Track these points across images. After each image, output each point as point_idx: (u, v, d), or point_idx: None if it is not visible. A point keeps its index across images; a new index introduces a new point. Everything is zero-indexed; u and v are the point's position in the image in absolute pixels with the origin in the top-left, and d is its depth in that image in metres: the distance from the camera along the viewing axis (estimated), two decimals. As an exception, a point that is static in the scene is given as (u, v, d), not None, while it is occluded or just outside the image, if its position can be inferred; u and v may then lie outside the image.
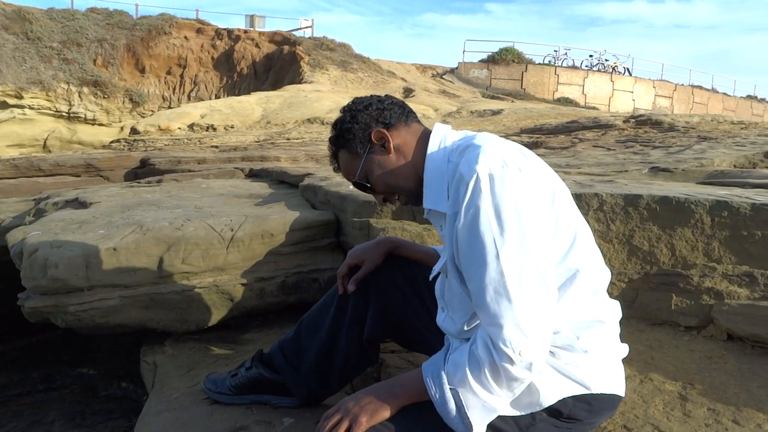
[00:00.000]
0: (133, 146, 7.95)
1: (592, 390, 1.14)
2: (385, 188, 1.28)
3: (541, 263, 1.05)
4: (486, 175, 1.05)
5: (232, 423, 1.59)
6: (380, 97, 1.32)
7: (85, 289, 2.02)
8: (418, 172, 1.24)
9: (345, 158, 1.31)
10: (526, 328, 1.02)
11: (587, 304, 1.17)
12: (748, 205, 1.73)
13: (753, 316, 1.59)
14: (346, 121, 1.29)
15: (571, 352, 1.14)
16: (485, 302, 1.04)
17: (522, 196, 1.05)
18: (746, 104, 29.15)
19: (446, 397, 1.07)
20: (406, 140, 1.26)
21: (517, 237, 1.03)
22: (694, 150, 4.57)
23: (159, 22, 19.05)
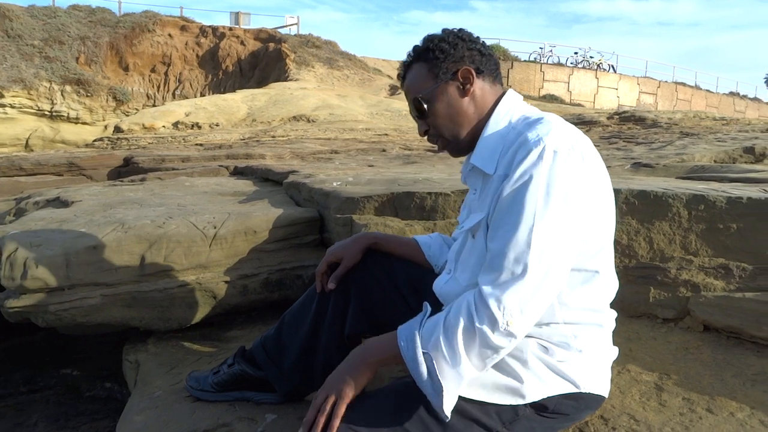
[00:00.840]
0: (117, 145, 7.88)
1: (581, 389, 1.15)
2: (439, 124, 1.24)
3: (567, 253, 1.06)
4: (551, 150, 1.04)
5: (214, 420, 1.59)
6: (485, 44, 1.28)
7: (66, 288, 2.00)
8: (476, 127, 1.22)
9: (420, 72, 1.25)
10: (525, 303, 1.02)
11: (593, 307, 1.18)
12: (724, 198, 1.75)
13: (728, 308, 1.62)
14: (444, 41, 1.23)
15: (566, 350, 1.15)
16: (500, 264, 1.03)
17: (576, 183, 1.05)
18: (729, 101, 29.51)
19: (418, 360, 1.05)
20: (484, 94, 1.23)
21: (556, 218, 1.03)
22: (676, 146, 4.63)
23: (142, 19, 18.88)
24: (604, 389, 1.21)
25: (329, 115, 10.92)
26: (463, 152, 1.27)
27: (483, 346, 1.02)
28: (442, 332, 1.04)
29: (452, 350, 1.03)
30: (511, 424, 1.13)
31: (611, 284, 1.22)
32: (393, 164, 4.83)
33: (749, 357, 1.49)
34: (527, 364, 1.13)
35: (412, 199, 2.17)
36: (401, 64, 1.31)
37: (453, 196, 2.13)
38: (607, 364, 1.23)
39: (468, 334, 1.02)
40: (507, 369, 1.13)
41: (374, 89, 16.30)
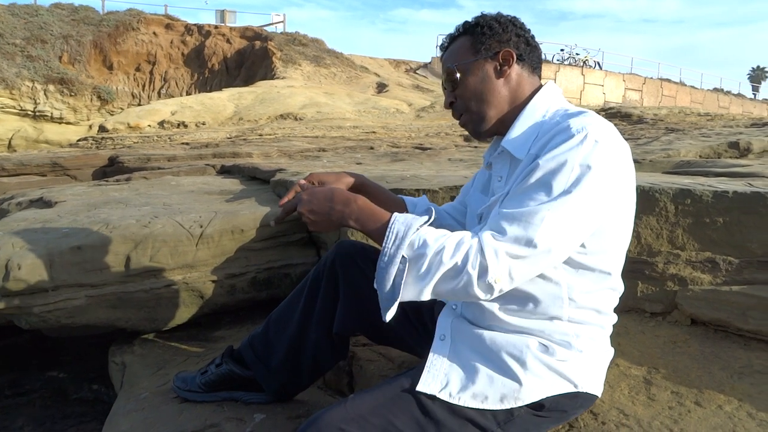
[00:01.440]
0: (101, 144, 7.78)
1: (579, 388, 1.15)
2: (467, 97, 1.24)
3: (574, 241, 1.05)
4: (593, 139, 1.04)
5: (202, 421, 1.57)
6: (534, 36, 1.28)
7: (50, 289, 1.97)
8: (505, 112, 1.22)
9: (462, 45, 1.25)
10: (516, 270, 1.01)
11: (599, 308, 1.18)
12: (710, 192, 1.76)
13: (715, 301, 1.63)
14: (495, 20, 1.24)
15: (568, 350, 1.14)
16: (511, 226, 1.02)
17: (609, 177, 1.04)
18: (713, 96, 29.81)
19: (394, 260, 1.03)
20: (520, 81, 1.23)
21: (577, 206, 1.02)
22: (662, 141, 4.66)
23: (126, 17, 18.70)
24: (598, 389, 1.21)
25: (316, 113, 10.88)
26: (485, 135, 1.26)
27: (462, 285, 1.00)
28: (431, 254, 1.01)
29: (428, 273, 1.01)
30: (505, 424, 1.13)
31: (619, 288, 1.22)
32: (381, 162, 4.82)
33: (736, 350, 1.50)
34: (526, 366, 1.12)
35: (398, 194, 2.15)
36: (448, 35, 1.31)
37: (441, 193, 2.12)
38: (605, 365, 1.23)
39: (454, 271, 1.00)
40: (506, 370, 1.12)
41: (361, 87, 16.26)
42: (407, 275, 1.03)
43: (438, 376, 1.14)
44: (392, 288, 1.04)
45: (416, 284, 1.03)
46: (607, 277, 1.15)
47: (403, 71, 21.05)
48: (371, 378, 1.64)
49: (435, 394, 1.12)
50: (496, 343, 1.15)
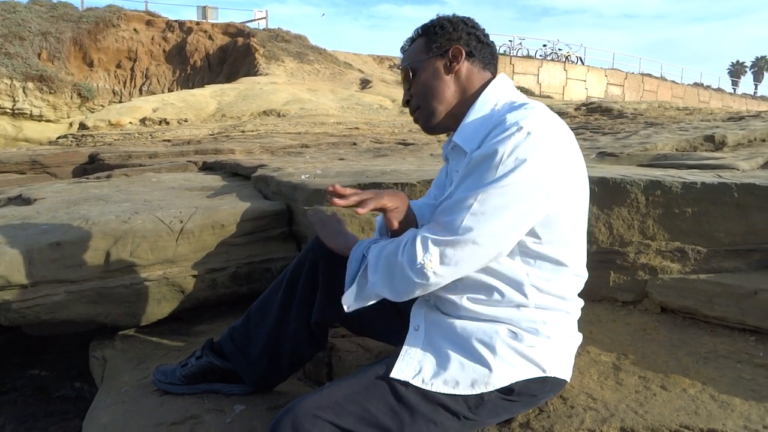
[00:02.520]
0: (82, 142, 7.71)
1: (547, 373, 1.18)
2: (419, 94, 1.30)
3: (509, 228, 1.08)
4: (525, 130, 1.07)
5: (182, 412, 1.59)
6: (486, 34, 1.32)
7: (29, 285, 1.97)
8: (457, 107, 1.27)
9: (419, 45, 1.31)
10: (445, 256, 1.08)
11: (562, 294, 1.21)
12: (680, 183, 1.81)
13: (684, 289, 1.68)
14: (447, 21, 1.30)
15: (535, 336, 1.17)
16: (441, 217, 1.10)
17: (542, 168, 1.07)
18: (693, 91, 30.19)
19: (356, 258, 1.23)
20: (470, 76, 1.27)
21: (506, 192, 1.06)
22: (641, 135, 4.72)
23: (106, 14, 18.46)
24: (568, 374, 1.24)
25: (300, 110, 10.85)
26: (437, 129, 1.30)
27: (401, 277, 1.12)
28: (382, 251, 1.17)
29: (375, 267, 1.17)
30: (477, 408, 1.16)
31: (582, 275, 1.25)
32: (363, 157, 4.83)
33: (702, 336, 1.55)
34: (496, 351, 1.15)
35: (379, 189, 2.18)
36: (407, 38, 1.36)
37: (419, 186, 2.15)
38: (572, 350, 1.26)
39: (392, 262, 1.13)
40: (476, 356, 1.15)
41: (345, 83, 16.24)
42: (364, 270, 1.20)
43: (411, 364, 1.17)
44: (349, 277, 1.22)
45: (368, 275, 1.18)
46: (565, 268, 1.19)
47: (387, 67, 21.04)
48: (350, 368, 1.66)
49: (408, 380, 1.15)
50: (467, 330, 1.18)
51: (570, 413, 1.22)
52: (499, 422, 1.22)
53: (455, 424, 1.16)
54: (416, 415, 1.14)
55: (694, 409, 1.20)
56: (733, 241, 1.73)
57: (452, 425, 1.16)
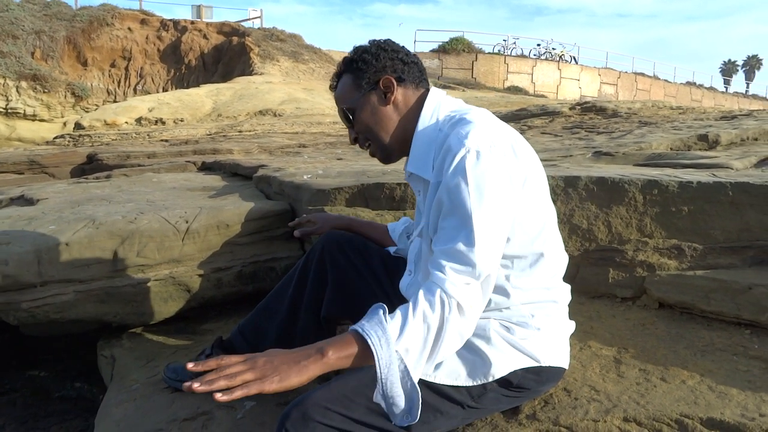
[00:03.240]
0: (79, 142, 7.72)
1: (542, 363, 1.23)
2: (365, 131, 1.31)
3: (504, 239, 1.13)
4: (474, 152, 1.11)
5: (194, 409, 1.62)
6: (408, 51, 1.34)
7: (38, 285, 2.00)
8: (404, 133, 1.29)
9: (347, 84, 1.32)
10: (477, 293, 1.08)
11: (545, 285, 1.26)
12: (676, 183, 1.86)
13: (681, 285, 1.72)
14: (367, 53, 1.30)
15: (526, 329, 1.22)
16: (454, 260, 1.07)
17: (502, 176, 1.12)
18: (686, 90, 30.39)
19: (393, 371, 1.00)
20: (407, 100, 1.30)
21: (491, 212, 1.09)
22: (635, 134, 4.78)
23: (100, 12, 18.41)
24: (564, 361, 1.29)
25: (296, 109, 10.88)
26: (393, 158, 1.34)
27: (451, 333, 1.04)
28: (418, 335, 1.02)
29: (425, 346, 1.03)
30: (479, 398, 1.21)
31: (560, 261, 1.30)
32: (361, 157, 4.87)
33: (700, 330, 1.60)
34: (491, 342, 1.20)
35: (382, 189, 2.22)
36: (333, 74, 1.37)
37: (421, 186, 2.19)
38: (565, 338, 1.31)
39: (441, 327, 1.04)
40: (474, 349, 1.20)
41: (340, 82, 16.25)
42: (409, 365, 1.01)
43: None
44: (407, 396, 1.03)
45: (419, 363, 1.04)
46: (541, 257, 1.23)
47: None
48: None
49: None
50: None
51: (574, 404, 1.26)
52: (503, 411, 1.26)
53: (460, 413, 1.20)
54: (422, 405, 1.18)
55: (693, 399, 1.25)
56: (729, 238, 1.78)
57: (457, 414, 1.20)
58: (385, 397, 1.03)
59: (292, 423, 1.14)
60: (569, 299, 1.33)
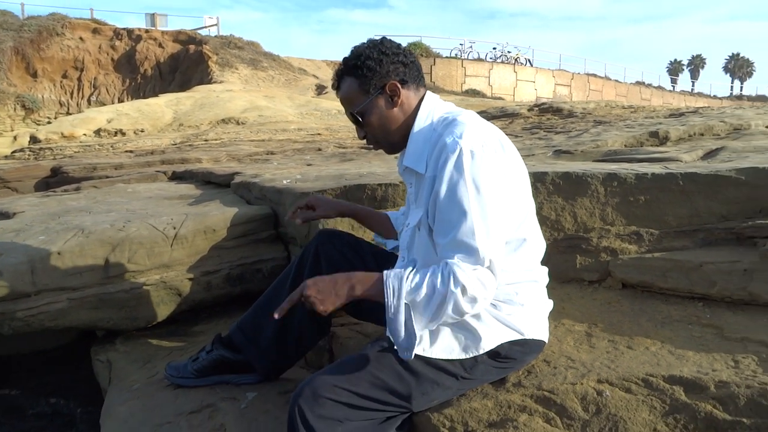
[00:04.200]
0: (40, 155, 7.57)
1: (526, 336, 1.38)
2: (374, 132, 1.43)
3: (504, 228, 1.27)
4: (468, 151, 1.25)
5: (198, 402, 1.71)
6: (406, 51, 1.44)
7: (32, 294, 2.05)
8: (407, 129, 1.41)
9: (352, 88, 1.41)
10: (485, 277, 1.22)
11: (526, 267, 1.41)
12: (633, 175, 2.05)
13: (641, 267, 1.90)
14: (371, 59, 1.38)
15: (511, 305, 1.37)
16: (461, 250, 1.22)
17: (495, 172, 1.26)
18: (636, 89, 31.47)
19: (400, 309, 1.22)
20: (410, 101, 1.41)
21: (488, 205, 1.23)
22: (591, 133, 5.02)
23: (49, 22, 17.94)
24: (544, 335, 1.45)
25: (259, 117, 10.89)
26: (397, 150, 1.48)
27: (453, 306, 1.21)
28: (424, 294, 1.21)
29: (428, 307, 1.22)
30: (471, 369, 1.35)
31: (539, 246, 1.46)
32: (331, 162, 4.97)
33: (659, 305, 1.78)
34: (481, 318, 1.34)
35: (364, 190, 2.35)
36: (334, 73, 1.48)
37: (401, 186, 2.32)
38: (545, 314, 1.47)
39: (443, 297, 1.20)
40: (466, 326, 1.34)
41: (301, 89, 16.30)
42: (414, 317, 1.22)
43: None
44: (407, 333, 1.23)
45: (422, 320, 1.23)
46: (524, 242, 1.39)
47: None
48: (350, 353, 1.82)
49: None
50: None
51: (554, 372, 1.41)
52: (493, 381, 1.40)
53: (455, 383, 1.34)
54: (421, 378, 1.32)
55: (656, 361, 1.41)
56: (681, 223, 1.98)
57: (452, 384, 1.34)
58: (390, 333, 1.25)
59: (304, 399, 1.26)
60: (547, 280, 1.49)
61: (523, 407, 1.33)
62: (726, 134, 3.83)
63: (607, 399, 1.30)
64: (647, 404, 1.28)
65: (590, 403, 1.31)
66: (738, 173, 1.93)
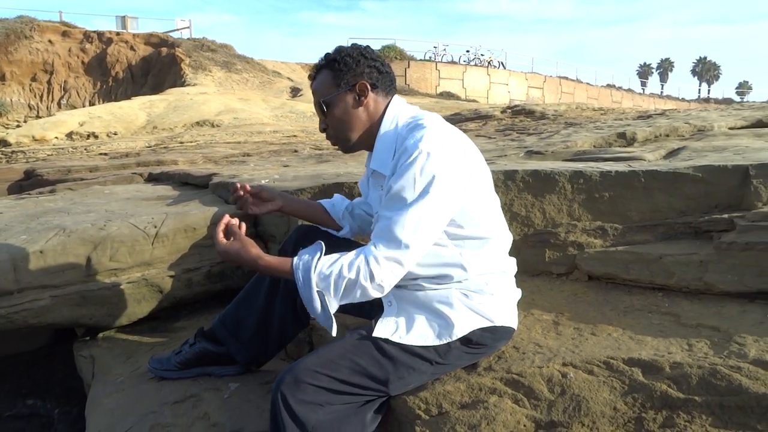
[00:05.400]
0: (12, 158, 7.48)
1: (495, 323, 1.47)
2: (335, 125, 1.51)
3: (436, 226, 1.36)
4: (426, 152, 1.33)
5: (182, 393, 1.77)
6: (384, 62, 1.53)
7: (15, 291, 2.08)
8: (368, 132, 1.50)
9: (326, 79, 1.50)
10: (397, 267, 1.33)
11: (495, 259, 1.50)
12: (598, 173, 2.16)
13: (606, 260, 2.01)
14: (350, 56, 1.48)
15: (482, 295, 1.46)
16: (385, 236, 1.33)
17: (447, 174, 1.34)
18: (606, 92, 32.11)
19: (313, 297, 1.34)
20: (377, 106, 1.50)
21: (426, 204, 1.32)
22: (562, 135, 5.17)
23: (17, 25, 17.61)
24: (513, 322, 1.54)
25: (233, 119, 10.87)
26: (352, 150, 1.57)
27: (362, 292, 1.33)
28: (333, 279, 1.32)
29: (337, 292, 1.33)
30: (445, 355, 1.43)
31: (505, 239, 1.55)
32: (307, 163, 5.03)
33: (622, 296, 1.89)
34: (453, 307, 1.43)
35: (341, 189, 2.42)
36: (314, 65, 1.57)
37: (377, 184, 2.40)
38: (514, 302, 1.56)
39: (353, 284, 1.32)
40: (440, 314, 1.43)
41: (275, 92, 16.29)
42: (327, 300, 1.34)
43: (389, 325, 1.43)
44: (323, 312, 1.36)
45: (335, 301, 1.35)
46: (488, 240, 1.48)
47: (313, 77, 21.16)
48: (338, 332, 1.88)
49: (388, 337, 1.40)
50: (428, 296, 1.47)
51: (522, 357, 1.50)
52: (465, 366, 1.48)
53: (430, 368, 1.43)
54: (397, 364, 1.39)
55: (617, 346, 1.51)
56: (643, 218, 2.09)
57: (427, 369, 1.42)
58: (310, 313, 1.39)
59: (286, 386, 1.32)
60: (515, 270, 1.58)
61: (494, 389, 1.42)
62: (690, 135, 4.00)
63: (571, 381, 1.39)
64: (608, 385, 1.37)
65: (555, 384, 1.40)
66: (695, 171, 2.05)
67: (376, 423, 1.43)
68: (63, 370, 3.18)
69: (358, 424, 1.38)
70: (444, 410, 1.40)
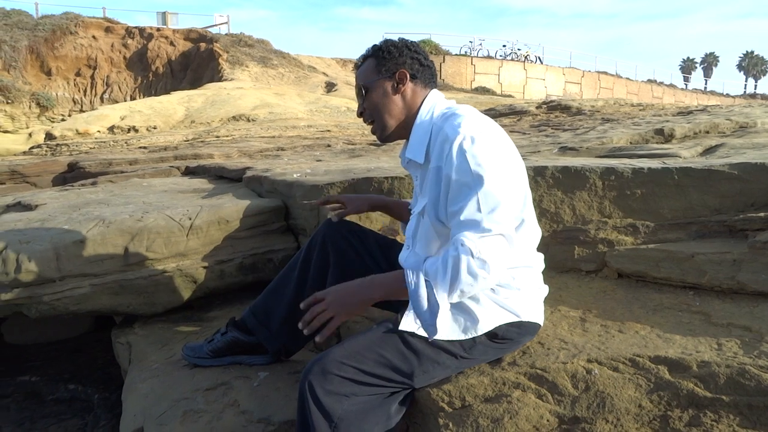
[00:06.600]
0: (57, 151, 7.75)
1: (522, 318, 1.47)
2: (371, 110, 1.54)
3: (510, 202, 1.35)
4: (469, 136, 1.35)
5: (214, 380, 1.82)
6: (427, 56, 1.57)
7: (57, 279, 2.17)
8: (405, 121, 1.52)
9: (369, 65, 1.55)
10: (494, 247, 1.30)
11: (523, 254, 1.50)
12: (630, 169, 2.13)
13: (636, 258, 1.99)
14: (393, 46, 1.53)
15: (508, 289, 1.46)
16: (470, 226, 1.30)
17: (495, 153, 1.36)
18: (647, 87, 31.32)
19: (420, 283, 1.33)
20: (414, 96, 1.53)
21: (490, 180, 1.32)
22: (598, 131, 5.09)
23: (63, 21, 18.18)
24: (539, 318, 1.54)
25: (269, 114, 11.02)
26: (389, 139, 1.59)
27: (468, 271, 1.28)
28: (440, 264, 1.31)
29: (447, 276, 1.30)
30: (470, 349, 1.44)
31: (535, 232, 1.55)
32: (340, 158, 5.08)
33: (651, 294, 1.87)
34: (480, 302, 1.43)
35: (371, 183, 2.45)
36: (360, 56, 1.62)
37: (407, 179, 2.42)
38: (540, 298, 1.56)
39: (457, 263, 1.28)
40: (465, 309, 1.44)
41: (310, 87, 16.42)
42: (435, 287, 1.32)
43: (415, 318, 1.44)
44: (429, 305, 1.34)
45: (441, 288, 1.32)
46: (523, 223, 1.47)
47: (351, 70, 21.28)
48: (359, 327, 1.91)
49: (414, 331, 1.42)
50: None
51: (547, 353, 1.50)
52: (490, 361, 1.49)
53: (454, 363, 1.44)
54: (422, 357, 1.41)
55: (644, 344, 1.50)
56: (675, 216, 2.06)
57: (452, 363, 1.44)
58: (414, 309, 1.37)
59: (314, 375, 1.36)
60: (543, 266, 1.58)
61: (517, 384, 1.42)
62: (731, 132, 3.89)
63: (595, 377, 1.39)
64: (633, 382, 1.37)
65: (580, 380, 1.40)
66: (731, 168, 2.01)
67: (401, 414, 1.45)
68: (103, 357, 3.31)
69: (383, 415, 1.40)
70: (467, 403, 1.42)
